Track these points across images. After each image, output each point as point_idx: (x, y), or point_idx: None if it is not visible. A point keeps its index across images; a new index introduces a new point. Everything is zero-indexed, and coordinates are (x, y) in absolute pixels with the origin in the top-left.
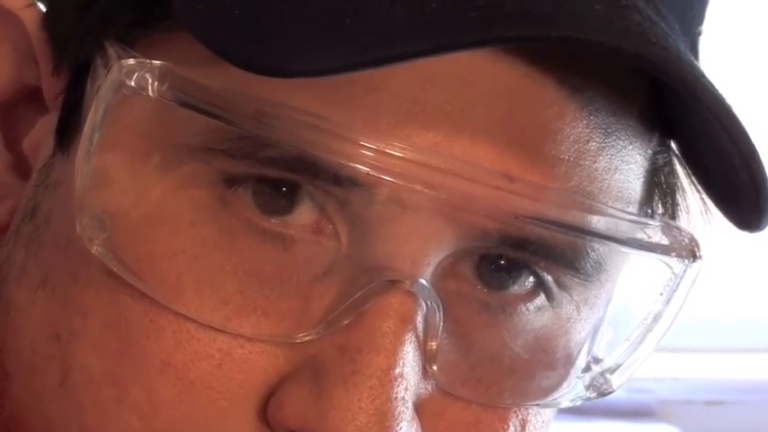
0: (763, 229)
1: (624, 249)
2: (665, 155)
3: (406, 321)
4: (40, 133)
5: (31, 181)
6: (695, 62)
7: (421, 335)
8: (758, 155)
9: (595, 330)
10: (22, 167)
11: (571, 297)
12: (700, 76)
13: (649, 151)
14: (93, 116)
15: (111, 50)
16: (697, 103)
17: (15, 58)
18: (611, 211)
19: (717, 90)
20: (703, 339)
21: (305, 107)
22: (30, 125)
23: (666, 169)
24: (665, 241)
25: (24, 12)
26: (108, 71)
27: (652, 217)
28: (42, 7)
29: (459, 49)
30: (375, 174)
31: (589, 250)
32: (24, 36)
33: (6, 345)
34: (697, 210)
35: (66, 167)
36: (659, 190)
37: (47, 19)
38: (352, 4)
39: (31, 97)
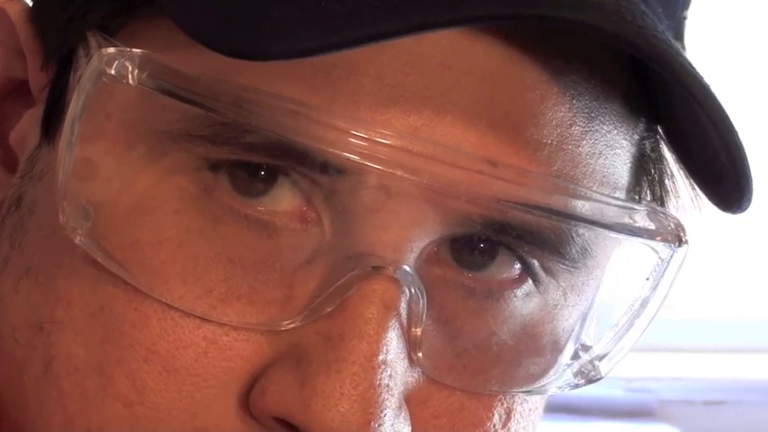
0: (744, 210)
1: (609, 234)
2: (653, 140)
3: (390, 308)
4: (26, 126)
5: (17, 173)
6: (673, 42)
7: (405, 321)
8: (736, 134)
9: (584, 317)
10: (9, 161)
11: (558, 283)
12: (676, 54)
13: (635, 137)
14: (75, 105)
15: (93, 40)
16: (675, 83)
17: (2, 53)
18: (594, 195)
19: (695, 70)
20: (703, 339)
21: (285, 93)
22: (17, 119)
23: (654, 155)
24: (650, 226)
25: (10, 5)
26: (89, 60)
27: (639, 202)
28: (28, 1)
29: (432, 29)
30: (355, 159)
31: (574, 235)
32: (10, 30)
33: None
34: (687, 195)
35: (50, 157)
36: (647, 176)
37: (33, 12)
38: None
39: (17, 91)
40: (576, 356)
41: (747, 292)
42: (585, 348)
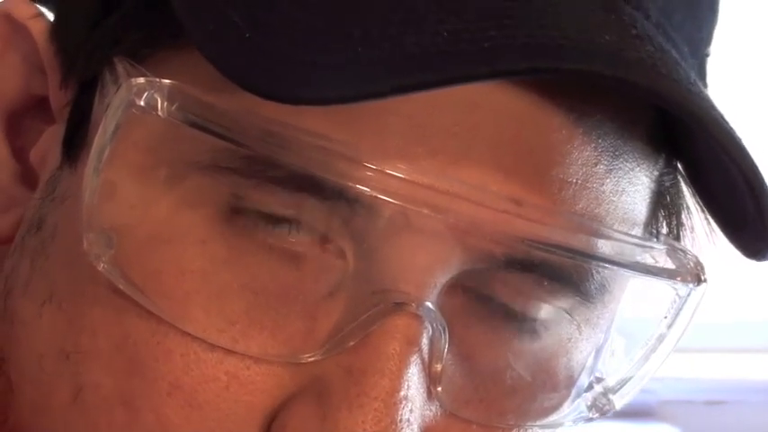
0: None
1: (630, 273)
2: (672, 176)
3: (412, 344)
4: (46, 144)
5: (36, 192)
6: (705, 92)
7: (426, 357)
8: (766, 186)
9: (598, 350)
10: (29, 178)
11: (572, 317)
12: (709, 108)
13: (655, 173)
14: (102, 134)
15: (120, 67)
16: (708, 137)
17: (23, 68)
18: (617, 235)
19: (726, 122)
20: (703, 339)
21: (313, 128)
22: (37, 135)
23: (673, 191)
24: (670, 265)
25: (32, 22)
26: (117, 89)
27: (657, 238)
28: (50, 16)
29: (470, 81)
30: (382, 196)
31: (594, 273)
32: (32, 46)
33: (11, 357)
34: (701, 229)
35: (72, 181)
36: (665, 210)
37: (54, 31)
38: (363, 31)
39: (38, 107)
40: (589, 388)
41: (747, 293)
42: (599, 381)
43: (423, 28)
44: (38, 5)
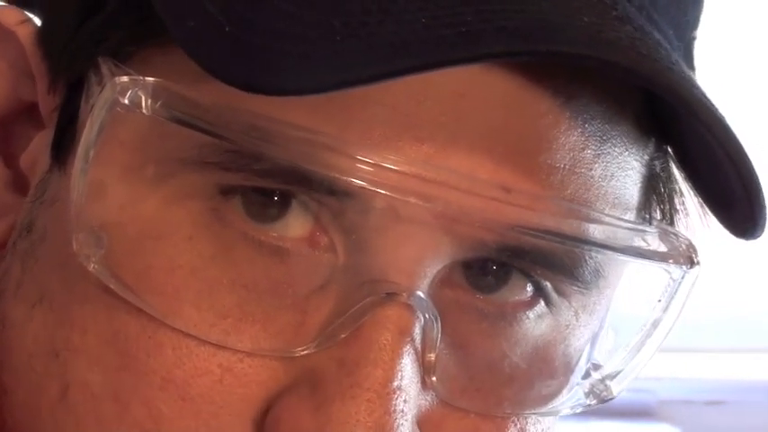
0: (757, 237)
1: (622, 257)
2: (663, 160)
3: (404, 334)
4: (36, 149)
5: (27, 197)
6: (687, 72)
7: (419, 347)
8: (751, 166)
9: (595, 337)
10: (20, 184)
11: (570, 303)
12: (691, 86)
13: (646, 157)
14: (88, 134)
15: (105, 67)
16: (690, 116)
17: (11, 75)
18: (607, 219)
19: (710, 101)
20: (703, 339)
21: (298, 121)
22: (27, 141)
23: (664, 175)
24: (662, 248)
25: (19, 28)
26: (102, 88)
27: (650, 223)
28: (38, 22)
29: (448, 66)
30: (370, 187)
31: (587, 258)
32: (20, 52)
33: (3, 361)
34: (695, 213)
35: (61, 183)
36: (657, 196)
37: (41, 35)
38: (341, 21)
39: (28, 113)
40: (587, 375)
41: (747, 292)
42: (596, 368)
43: (401, 17)
44: (25, 12)
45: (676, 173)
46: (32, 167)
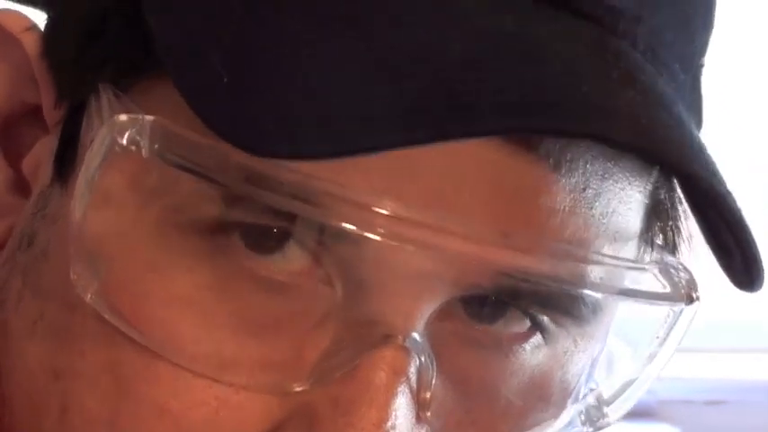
0: (754, 291)
1: (620, 299)
2: (666, 188)
3: (399, 374)
4: (39, 154)
5: (28, 206)
6: (687, 135)
7: (414, 386)
8: (751, 236)
9: (593, 363)
10: (22, 185)
11: (568, 333)
12: (690, 161)
13: (649, 187)
14: (87, 168)
15: (105, 97)
16: (687, 189)
17: (14, 78)
18: (605, 260)
19: (712, 169)
20: (703, 339)
21: (297, 167)
22: (31, 141)
23: (668, 201)
24: (662, 288)
25: (24, 35)
26: (102, 122)
27: (652, 248)
28: (41, 21)
29: (439, 141)
30: (368, 234)
31: (585, 298)
32: (24, 59)
33: (4, 369)
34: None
35: (63, 203)
36: (660, 221)
37: (45, 48)
38: (337, 87)
39: (32, 115)
40: (584, 402)
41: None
42: (594, 394)
43: (398, 81)
44: (30, 8)
45: (681, 196)
46: (35, 171)
